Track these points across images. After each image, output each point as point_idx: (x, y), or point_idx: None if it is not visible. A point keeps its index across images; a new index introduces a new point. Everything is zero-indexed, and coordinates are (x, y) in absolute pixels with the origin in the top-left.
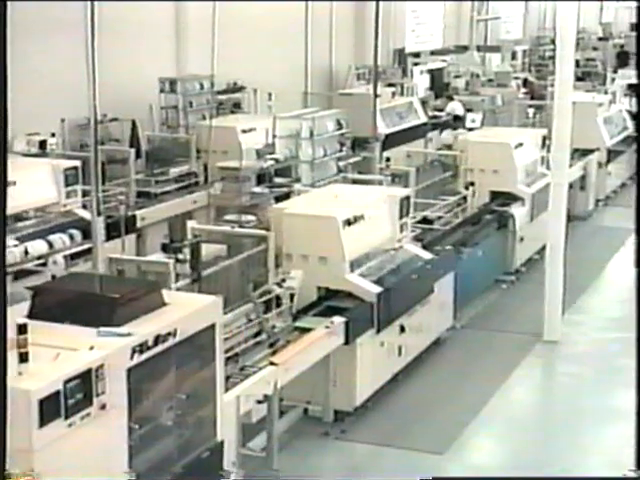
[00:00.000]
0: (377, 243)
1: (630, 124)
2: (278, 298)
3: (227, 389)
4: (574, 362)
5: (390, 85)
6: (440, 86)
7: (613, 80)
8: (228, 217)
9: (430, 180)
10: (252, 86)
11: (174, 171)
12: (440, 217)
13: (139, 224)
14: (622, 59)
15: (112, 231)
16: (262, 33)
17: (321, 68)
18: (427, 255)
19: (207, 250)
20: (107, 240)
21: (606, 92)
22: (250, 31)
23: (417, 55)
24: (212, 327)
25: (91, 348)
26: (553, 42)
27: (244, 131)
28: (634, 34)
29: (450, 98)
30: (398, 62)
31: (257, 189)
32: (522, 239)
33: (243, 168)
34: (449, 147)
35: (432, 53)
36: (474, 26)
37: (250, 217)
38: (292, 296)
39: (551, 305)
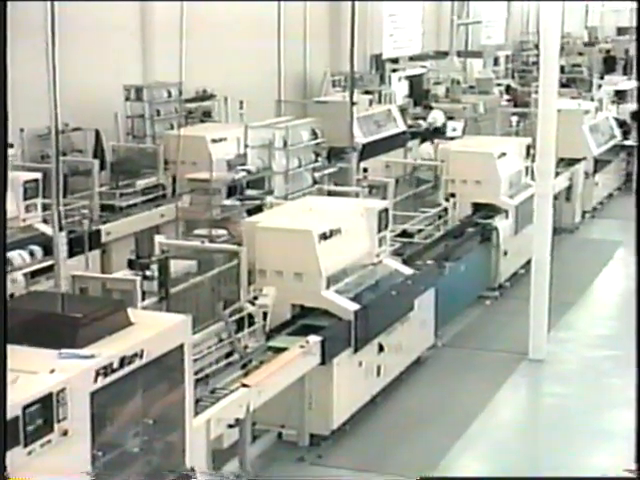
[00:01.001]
0: (355, 258)
1: (617, 132)
2: (251, 316)
3: (197, 413)
4: (560, 382)
5: (367, 92)
6: (419, 93)
7: (599, 86)
8: (198, 231)
9: (410, 192)
10: (223, 94)
11: (140, 183)
12: (420, 230)
13: (104, 239)
14: (609, 64)
15: (75, 247)
16: (233, 38)
17: (295, 75)
18: (407, 270)
19: (176, 266)
20: (70, 256)
21: (592, 99)
22: (220, 36)
23: (395, 61)
24: (181, 348)
25: (52, 371)
26: (537, 47)
27: (214, 141)
28: (621, 38)
29: (429, 107)
30: (375, 68)
31: (228, 202)
32: (506, 253)
33: (213, 180)
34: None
35: (411, 59)
36: (454, 30)
37: (221, 231)
38: (265, 314)
39: (536, 322)
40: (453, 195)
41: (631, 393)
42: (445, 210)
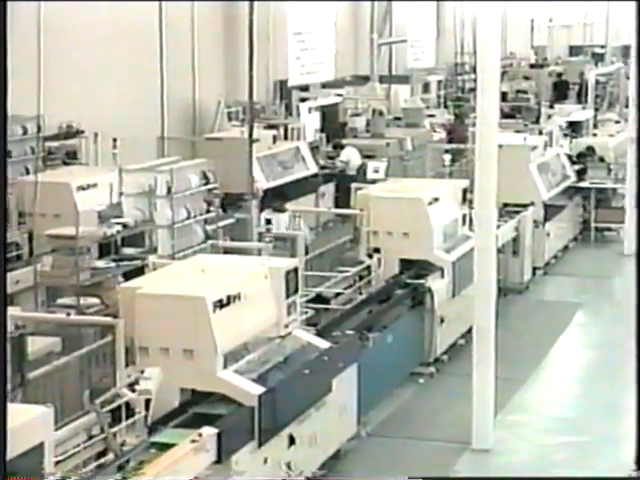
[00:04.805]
0: (258, 330)
1: (571, 172)
2: (129, 406)
3: None
4: (510, 476)
5: (271, 127)
6: (334, 127)
7: (549, 117)
8: (62, 301)
9: (324, 247)
10: (92, 129)
11: None
12: (338, 294)
13: None
14: (560, 90)
15: None
16: (105, 62)
17: (182, 105)
18: (323, 343)
19: (35, 345)
20: None
21: (541, 132)
22: (89, 59)
23: (305, 89)
24: (40, 447)
25: None
26: (474, 70)
27: (81, 188)
28: (574, 59)
29: (340, 147)
30: (280, 97)
31: (100, 263)
32: (442, 320)
33: (81, 236)
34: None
35: (324, 86)
36: (375, 51)
37: (92, 300)
38: (148, 402)
39: (480, 404)
40: (377, 250)
41: None
42: (368, 269)
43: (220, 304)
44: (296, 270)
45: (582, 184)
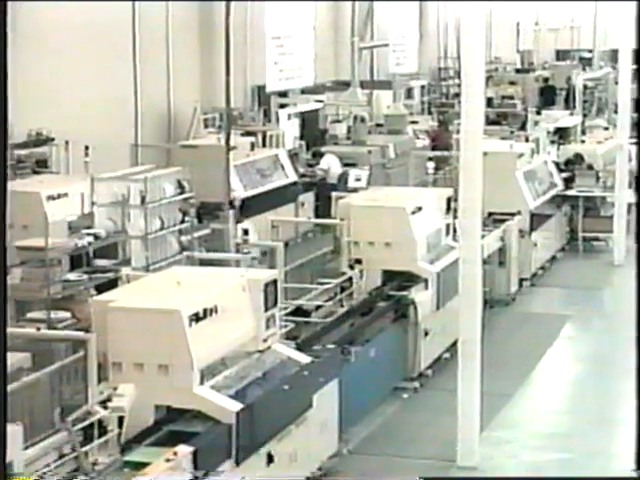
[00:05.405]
0: (236, 344)
1: (558, 180)
2: (101, 424)
3: None
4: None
5: (248, 134)
6: (314, 134)
7: (536, 123)
8: (32, 315)
9: (304, 258)
10: (63, 137)
11: None
12: (319, 307)
13: None
14: (547, 96)
15: None
16: (76, 66)
17: (156, 112)
18: (303, 358)
19: None
20: None
21: (527, 139)
22: (60, 64)
23: (284, 94)
24: (9, 466)
25: None
26: (458, 75)
27: (52, 198)
28: (561, 64)
29: (318, 154)
30: (258, 103)
31: (72, 276)
32: (427, 333)
33: (51, 248)
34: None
35: (303, 92)
36: (356, 56)
37: (63, 314)
38: (121, 420)
39: (466, 420)
40: (358, 261)
41: None
42: (349, 280)
43: (196, 318)
44: (275, 282)
45: (570, 192)
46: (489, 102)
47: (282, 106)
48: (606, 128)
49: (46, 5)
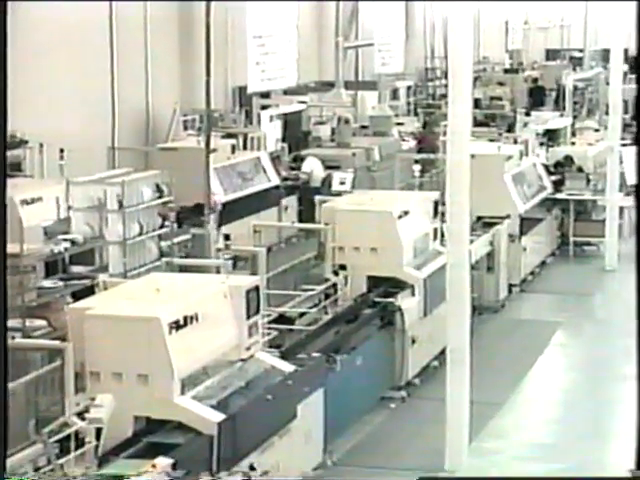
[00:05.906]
0: (218, 352)
1: (548, 183)
2: (78, 435)
3: None
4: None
5: (229, 136)
6: (297, 136)
7: (525, 125)
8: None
9: (287, 264)
10: (37, 139)
11: None
12: (303, 314)
13: None
14: (536, 97)
15: None
16: (51, 66)
17: (134, 114)
18: (287, 367)
19: None
20: None
21: (516, 141)
22: (34, 64)
23: (266, 95)
24: None
25: None
26: (445, 76)
27: (26, 202)
28: (551, 64)
29: (299, 159)
30: (240, 105)
31: (47, 283)
32: (414, 341)
33: (25, 254)
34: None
35: (285, 92)
36: (340, 55)
37: (38, 322)
38: (99, 432)
39: (454, 430)
40: (343, 267)
41: None
42: (334, 287)
43: (176, 325)
44: (257, 289)
45: (560, 196)
46: (477, 103)
47: (264, 107)
48: (597, 130)
49: (19, 5)
